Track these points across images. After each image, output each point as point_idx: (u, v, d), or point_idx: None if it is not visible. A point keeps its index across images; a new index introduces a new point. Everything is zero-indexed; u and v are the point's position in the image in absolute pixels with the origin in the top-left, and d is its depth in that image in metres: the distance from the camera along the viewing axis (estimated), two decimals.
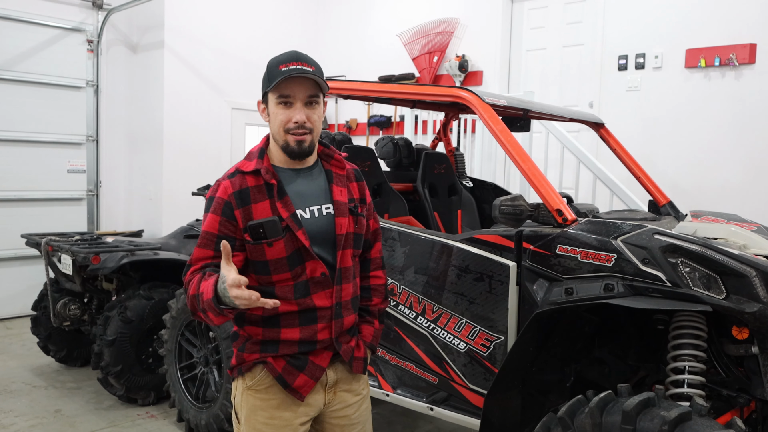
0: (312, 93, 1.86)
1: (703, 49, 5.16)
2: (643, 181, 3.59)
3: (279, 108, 1.86)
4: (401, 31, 7.22)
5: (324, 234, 1.91)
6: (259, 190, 1.86)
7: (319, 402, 1.97)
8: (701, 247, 2.16)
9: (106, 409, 4.23)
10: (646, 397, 2.01)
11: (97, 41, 6.93)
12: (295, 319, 1.89)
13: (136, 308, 4.19)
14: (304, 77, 1.83)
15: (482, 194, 4.28)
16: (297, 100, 1.84)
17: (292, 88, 1.83)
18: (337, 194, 1.95)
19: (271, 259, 1.85)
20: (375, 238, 2.17)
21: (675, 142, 5.35)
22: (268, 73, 1.87)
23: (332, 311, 1.92)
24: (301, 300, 1.89)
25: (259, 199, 1.86)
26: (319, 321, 1.91)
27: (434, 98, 3.41)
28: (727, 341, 2.37)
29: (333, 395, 1.99)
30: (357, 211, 1.99)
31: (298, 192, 1.91)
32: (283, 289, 1.88)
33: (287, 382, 1.89)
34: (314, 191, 1.94)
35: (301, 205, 1.90)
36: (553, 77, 6.31)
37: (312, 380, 1.92)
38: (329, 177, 1.98)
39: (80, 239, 4.72)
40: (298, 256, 1.87)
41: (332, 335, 1.93)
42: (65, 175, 6.83)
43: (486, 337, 2.67)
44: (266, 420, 1.91)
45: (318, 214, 1.92)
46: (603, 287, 2.25)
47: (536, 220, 2.57)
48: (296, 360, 1.91)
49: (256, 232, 1.83)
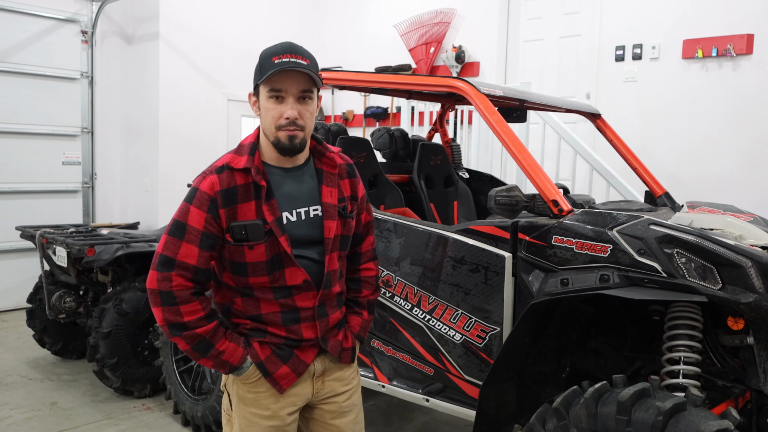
0: (305, 88, 1.80)
1: (700, 39, 5.14)
2: (640, 172, 3.58)
3: (270, 102, 1.79)
4: (398, 22, 7.18)
5: (310, 237, 1.89)
6: (247, 189, 1.81)
7: (307, 392, 1.96)
8: (697, 237, 2.16)
9: (102, 401, 4.22)
10: (641, 387, 2.01)
11: (92, 32, 6.89)
12: (278, 318, 1.88)
13: (131, 300, 4.19)
14: (297, 71, 1.76)
15: (478, 185, 4.27)
16: (289, 95, 1.78)
17: (284, 82, 1.77)
18: (326, 195, 1.91)
19: (250, 261, 1.83)
20: (367, 231, 2.14)
21: (672, 133, 5.35)
22: (260, 65, 1.80)
23: (315, 311, 1.90)
24: (282, 301, 1.87)
25: (246, 198, 1.81)
26: (303, 321, 1.90)
27: (430, 89, 3.40)
28: (723, 332, 2.38)
29: (321, 385, 1.98)
30: (345, 213, 1.95)
31: (287, 193, 1.87)
32: (262, 290, 1.87)
33: (268, 370, 1.88)
34: (303, 192, 1.90)
35: (287, 207, 1.86)
36: (550, 68, 6.29)
37: (294, 374, 1.91)
38: (320, 177, 1.93)
39: (75, 231, 4.70)
40: (278, 261, 1.84)
41: (318, 334, 1.92)
42: (60, 167, 6.80)
43: (481, 328, 2.67)
44: (255, 410, 1.91)
45: (305, 216, 1.88)
46: (599, 278, 2.25)
47: (532, 211, 2.56)
48: (281, 351, 1.90)
49: (239, 233, 1.80)
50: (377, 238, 2.99)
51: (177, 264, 1.77)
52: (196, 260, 1.78)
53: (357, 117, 7.76)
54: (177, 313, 1.76)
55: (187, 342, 1.79)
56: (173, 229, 1.80)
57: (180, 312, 1.76)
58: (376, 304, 2.57)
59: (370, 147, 3.73)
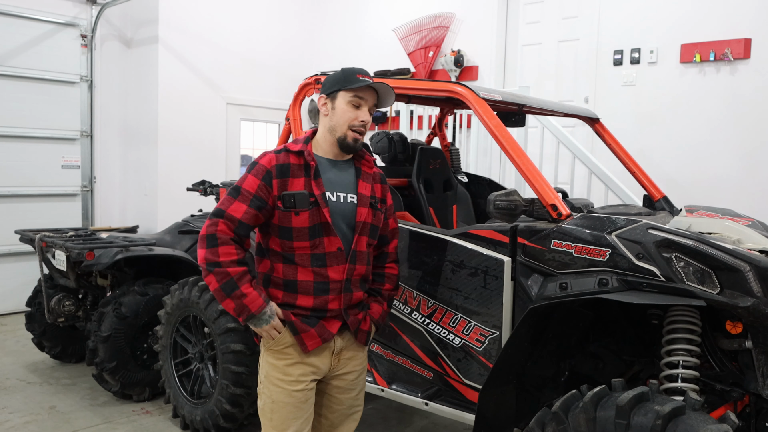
0: (375, 103, 2.29)
1: (698, 44, 5.16)
2: (638, 176, 3.59)
3: (350, 107, 2.23)
4: (397, 26, 7.20)
5: (345, 217, 2.24)
6: (299, 168, 2.21)
7: (326, 365, 2.28)
8: (695, 241, 2.16)
9: (101, 405, 4.22)
10: (640, 391, 2.02)
11: (91, 36, 6.89)
12: (310, 287, 2.20)
13: (130, 304, 4.18)
14: (374, 89, 2.26)
15: (477, 189, 4.27)
16: (366, 104, 2.25)
17: (366, 95, 2.25)
18: (362, 188, 2.29)
19: (296, 226, 2.17)
20: (393, 236, 2.49)
21: (670, 137, 5.36)
22: (345, 77, 2.24)
23: (342, 285, 2.22)
24: (317, 269, 2.19)
25: (298, 175, 2.20)
26: (331, 293, 2.22)
27: (429, 93, 3.41)
28: (721, 336, 2.38)
29: (338, 361, 2.30)
30: (377, 206, 2.32)
31: (330, 179, 2.25)
32: (301, 257, 2.19)
33: (297, 328, 2.19)
34: (343, 181, 2.28)
35: (330, 189, 2.23)
36: (548, 72, 6.30)
37: (319, 339, 2.22)
38: (358, 173, 2.32)
39: (74, 235, 4.70)
40: (319, 229, 2.18)
41: (341, 306, 2.23)
42: (59, 170, 6.79)
43: (481, 332, 2.67)
44: (281, 376, 2.23)
45: (343, 200, 2.25)
46: (597, 282, 2.26)
47: (531, 215, 2.57)
48: (308, 319, 2.22)
49: (288, 200, 2.17)
50: None
51: (226, 215, 2.15)
52: (241, 215, 2.14)
53: None
54: (215, 253, 2.11)
55: (218, 279, 2.11)
56: (231, 190, 2.19)
57: (218, 252, 2.11)
58: None
59: (370, 151, 3.73)
